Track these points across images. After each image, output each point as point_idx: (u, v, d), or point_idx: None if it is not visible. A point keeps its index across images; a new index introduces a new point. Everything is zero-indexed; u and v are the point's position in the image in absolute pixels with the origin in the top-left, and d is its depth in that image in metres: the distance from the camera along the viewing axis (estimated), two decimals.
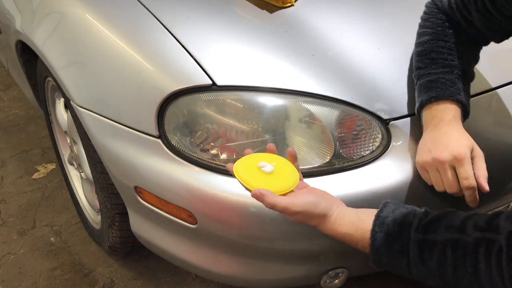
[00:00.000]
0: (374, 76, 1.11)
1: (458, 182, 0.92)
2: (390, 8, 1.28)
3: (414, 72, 1.07)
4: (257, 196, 0.82)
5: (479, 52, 1.09)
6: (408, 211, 0.82)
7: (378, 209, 0.85)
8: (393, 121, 1.07)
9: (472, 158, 0.93)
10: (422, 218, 0.79)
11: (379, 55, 1.16)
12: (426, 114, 1.01)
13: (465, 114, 1.02)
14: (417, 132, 1.04)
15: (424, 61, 1.06)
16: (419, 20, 1.13)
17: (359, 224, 0.84)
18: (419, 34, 1.11)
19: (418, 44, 1.10)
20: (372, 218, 0.83)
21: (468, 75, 1.06)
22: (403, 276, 0.85)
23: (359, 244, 0.84)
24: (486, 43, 1.08)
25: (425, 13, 1.13)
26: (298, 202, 0.83)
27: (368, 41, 1.19)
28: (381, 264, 0.83)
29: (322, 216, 0.85)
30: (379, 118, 1.06)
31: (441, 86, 1.01)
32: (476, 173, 0.92)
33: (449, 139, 0.94)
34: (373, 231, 0.82)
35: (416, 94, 1.05)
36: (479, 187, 0.91)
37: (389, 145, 1.04)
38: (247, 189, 0.85)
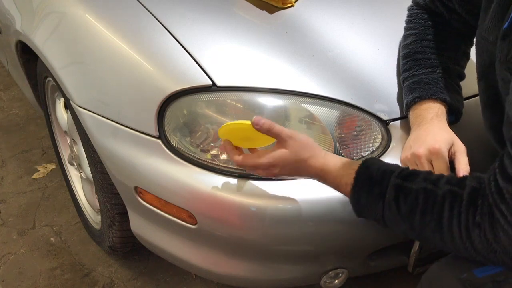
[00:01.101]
0: (374, 76, 1.12)
1: None
2: (390, 9, 1.28)
3: (401, 75, 1.09)
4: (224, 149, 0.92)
5: (467, 47, 1.10)
6: (393, 164, 0.88)
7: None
8: (393, 122, 1.07)
9: (453, 153, 0.95)
10: (404, 170, 0.84)
11: (379, 56, 1.17)
12: (412, 115, 1.03)
13: (453, 111, 1.03)
14: None
15: (409, 63, 1.08)
16: None
17: (347, 164, 0.88)
18: (404, 37, 1.14)
19: (403, 47, 1.12)
20: (359, 163, 0.87)
21: (454, 72, 1.06)
22: (403, 276, 0.86)
23: (342, 180, 0.87)
24: (472, 34, 1.08)
25: (407, 16, 1.16)
26: (267, 153, 0.89)
27: (368, 42, 1.19)
28: (358, 206, 0.87)
29: (310, 156, 0.89)
30: (379, 118, 1.06)
31: (423, 87, 1.03)
32: (457, 166, 0.94)
33: (427, 135, 0.96)
34: (358, 172, 0.86)
35: (403, 97, 1.06)
36: None
37: (389, 146, 1.05)
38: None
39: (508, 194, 0.71)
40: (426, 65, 1.06)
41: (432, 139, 0.95)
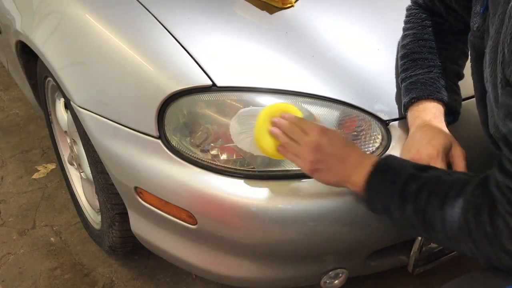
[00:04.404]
0: (374, 77, 1.12)
1: None
2: (390, 8, 1.28)
3: (399, 76, 1.09)
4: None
5: (465, 46, 1.10)
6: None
7: None
8: (393, 122, 1.07)
9: (452, 157, 0.96)
10: (421, 164, 0.86)
11: (379, 56, 1.17)
12: (410, 116, 1.03)
13: (451, 111, 1.03)
14: None
15: (407, 63, 1.08)
16: None
17: (370, 155, 0.93)
18: (402, 37, 1.14)
19: (401, 47, 1.13)
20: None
21: (452, 71, 1.07)
22: (403, 277, 0.86)
23: (365, 163, 0.88)
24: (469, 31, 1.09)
25: (406, 16, 1.16)
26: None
27: (368, 42, 1.19)
28: (370, 187, 0.87)
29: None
30: (379, 118, 1.06)
31: (420, 87, 1.03)
32: (455, 170, 0.94)
33: (425, 139, 0.96)
34: (381, 160, 0.88)
35: (401, 98, 1.06)
36: None
37: (389, 146, 1.05)
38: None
39: (505, 187, 0.71)
40: (423, 65, 1.06)
41: (430, 144, 0.95)
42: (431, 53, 1.07)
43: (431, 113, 1.00)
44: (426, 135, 0.96)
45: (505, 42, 0.70)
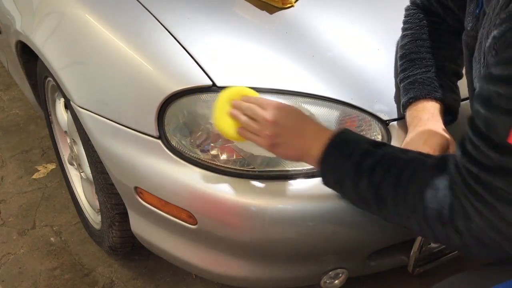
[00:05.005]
0: (374, 77, 1.12)
1: None
2: (390, 8, 1.28)
3: (398, 76, 1.09)
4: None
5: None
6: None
7: None
8: (393, 122, 1.07)
9: None
10: (378, 141, 0.87)
11: (379, 56, 1.17)
12: (408, 116, 1.03)
13: (450, 110, 1.03)
14: None
15: (405, 64, 1.09)
16: None
17: (328, 128, 0.91)
18: (401, 38, 1.15)
19: (400, 48, 1.13)
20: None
21: (450, 70, 1.07)
22: (403, 276, 0.86)
23: (322, 136, 0.88)
24: None
25: (404, 16, 1.16)
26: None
27: (368, 42, 1.19)
28: (325, 160, 0.87)
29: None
30: (379, 119, 1.06)
31: (418, 87, 1.04)
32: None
33: (422, 138, 0.96)
34: (337, 133, 0.89)
35: (400, 98, 1.07)
36: None
37: None
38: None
39: (464, 169, 0.72)
40: (421, 65, 1.06)
41: (427, 144, 0.95)
42: (429, 52, 1.07)
43: (429, 112, 1.00)
44: (423, 135, 0.97)
45: (490, 30, 0.70)
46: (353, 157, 0.84)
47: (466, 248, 0.77)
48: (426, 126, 0.98)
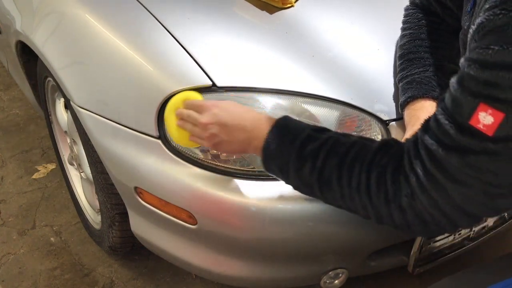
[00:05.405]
0: (373, 77, 1.12)
1: None
2: (390, 8, 1.28)
3: (397, 76, 1.10)
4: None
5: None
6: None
7: None
8: (392, 122, 1.07)
9: None
10: (321, 127, 0.87)
11: (379, 56, 1.17)
12: (406, 115, 1.04)
13: None
14: None
15: (404, 63, 1.09)
16: None
17: (268, 116, 0.91)
18: (400, 37, 1.15)
19: (399, 48, 1.13)
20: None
21: (448, 70, 1.07)
22: (403, 277, 0.86)
23: (263, 125, 0.88)
24: None
25: (404, 16, 1.17)
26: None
27: (368, 42, 1.19)
28: (267, 147, 0.87)
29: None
30: (378, 119, 1.06)
31: (416, 86, 1.04)
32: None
33: None
34: (278, 120, 0.88)
35: (399, 98, 1.07)
36: None
37: None
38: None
39: (421, 143, 0.73)
40: (419, 65, 1.07)
41: None
42: (428, 52, 1.08)
43: (427, 111, 1.00)
44: None
45: (475, 21, 0.71)
46: (295, 142, 0.84)
47: (407, 227, 0.78)
48: None
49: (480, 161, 0.68)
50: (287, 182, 0.90)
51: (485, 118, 0.65)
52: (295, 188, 0.90)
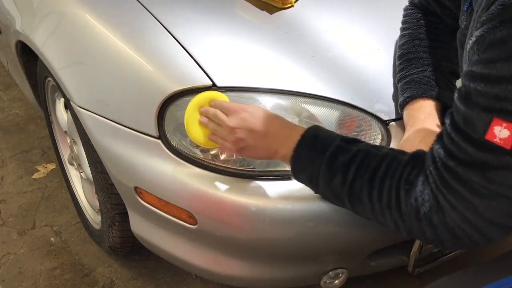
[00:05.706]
0: (374, 77, 1.12)
1: None
2: (390, 8, 1.28)
3: (396, 76, 1.10)
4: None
5: None
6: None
7: None
8: (392, 122, 1.07)
9: None
10: (350, 137, 0.87)
11: (379, 56, 1.17)
12: (405, 115, 1.04)
13: (447, 108, 1.03)
14: None
15: (403, 63, 1.10)
16: None
17: (293, 125, 0.91)
18: (399, 38, 1.15)
19: (398, 48, 1.14)
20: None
21: (447, 69, 1.07)
22: (403, 277, 0.86)
23: (292, 134, 0.88)
24: None
25: (403, 16, 1.17)
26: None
27: (368, 42, 1.19)
28: (297, 157, 0.87)
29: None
30: (379, 119, 1.06)
31: (414, 86, 1.04)
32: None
33: (418, 137, 0.97)
34: (308, 129, 0.89)
35: (398, 98, 1.07)
36: None
37: (389, 146, 1.05)
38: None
39: (440, 161, 0.72)
40: (418, 65, 1.07)
41: (423, 142, 0.95)
42: (426, 52, 1.08)
43: (426, 111, 1.01)
44: (420, 133, 0.97)
45: (473, 29, 0.71)
46: (326, 154, 0.84)
47: (439, 241, 0.78)
48: (423, 125, 0.98)
49: (500, 175, 0.67)
50: (316, 192, 0.90)
51: (501, 132, 0.65)
52: (325, 198, 0.90)
